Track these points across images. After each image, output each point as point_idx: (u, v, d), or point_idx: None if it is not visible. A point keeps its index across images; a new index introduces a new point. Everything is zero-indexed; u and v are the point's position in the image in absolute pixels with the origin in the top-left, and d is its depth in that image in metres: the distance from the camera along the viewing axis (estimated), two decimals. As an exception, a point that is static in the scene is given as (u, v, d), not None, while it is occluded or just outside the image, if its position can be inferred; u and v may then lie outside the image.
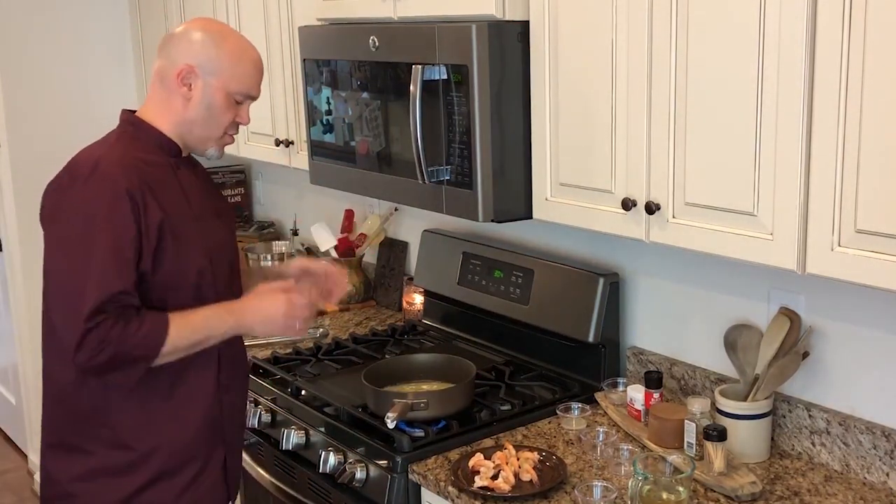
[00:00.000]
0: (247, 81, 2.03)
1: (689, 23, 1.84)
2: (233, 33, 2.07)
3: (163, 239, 1.92)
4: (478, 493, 1.99)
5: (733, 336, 2.18)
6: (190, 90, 1.99)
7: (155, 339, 1.88)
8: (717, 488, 1.96)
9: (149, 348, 1.88)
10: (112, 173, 1.89)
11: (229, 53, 2.00)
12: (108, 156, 1.94)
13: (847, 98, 1.60)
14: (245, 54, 2.03)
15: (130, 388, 1.97)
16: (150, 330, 1.87)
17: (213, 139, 2.06)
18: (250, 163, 4.09)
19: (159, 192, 1.94)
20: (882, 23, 1.53)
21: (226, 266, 2.11)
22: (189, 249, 1.97)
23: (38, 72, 4.08)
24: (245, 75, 2.03)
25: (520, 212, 2.29)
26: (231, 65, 2.00)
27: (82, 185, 1.90)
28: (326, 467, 2.27)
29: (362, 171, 2.62)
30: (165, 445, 2.01)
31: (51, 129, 3.99)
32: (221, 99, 2.01)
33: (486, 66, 2.17)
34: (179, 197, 2.01)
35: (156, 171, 1.98)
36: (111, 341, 1.82)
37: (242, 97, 2.04)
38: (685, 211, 1.92)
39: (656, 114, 1.93)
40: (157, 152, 2.02)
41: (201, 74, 1.99)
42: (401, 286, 3.27)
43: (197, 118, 2.02)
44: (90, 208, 1.88)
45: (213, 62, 1.99)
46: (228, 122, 2.04)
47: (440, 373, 2.48)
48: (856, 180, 1.61)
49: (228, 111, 2.03)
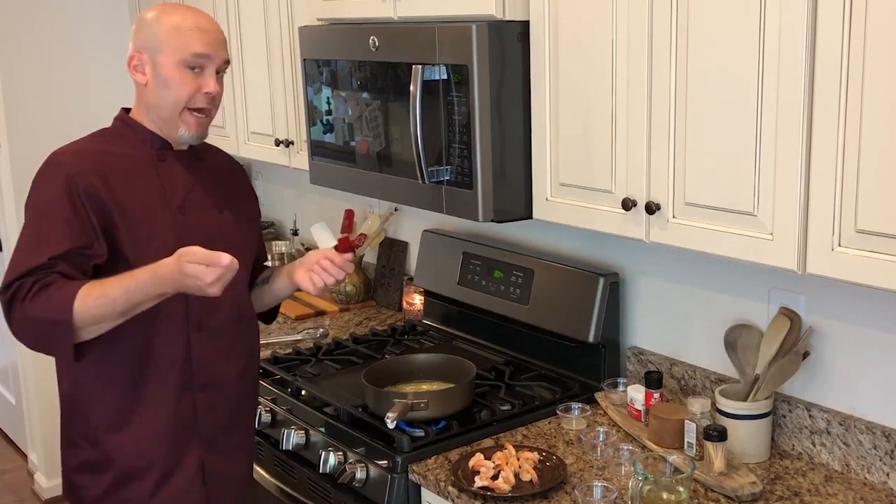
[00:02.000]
0: (193, 44, 1.97)
1: (690, 23, 1.84)
2: (179, 8, 2.04)
3: (113, 227, 1.92)
4: (478, 493, 1.99)
5: (733, 336, 2.18)
6: (144, 75, 2.00)
7: (62, 300, 1.84)
8: (717, 488, 1.96)
9: (56, 309, 1.83)
10: (59, 162, 1.95)
11: (168, 25, 1.98)
12: (65, 149, 1.99)
13: (847, 98, 1.60)
14: (186, 21, 1.99)
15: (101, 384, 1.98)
16: (58, 292, 1.85)
17: (177, 117, 2.00)
18: (250, 163, 4.08)
19: (118, 182, 1.95)
20: (882, 23, 1.53)
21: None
22: (153, 240, 1.95)
23: (38, 72, 4.08)
24: (188, 38, 1.97)
25: (520, 212, 2.29)
26: (172, 34, 1.97)
27: (35, 181, 1.97)
28: (326, 467, 2.27)
29: (362, 171, 2.62)
30: (129, 445, 2.01)
31: (51, 129, 3.98)
32: (173, 72, 1.97)
33: (486, 66, 2.17)
34: (150, 188, 2.00)
35: (123, 163, 1.99)
36: (20, 299, 1.84)
37: (194, 61, 1.97)
38: (685, 211, 1.92)
39: (656, 114, 1.93)
40: (139, 146, 2.03)
41: (148, 57, 1.98)
42: (401, 286, 3.27)
43: (158, 100, 2.00)
44: (34, 199, 1.95)
45: (154, 39, 1.98)
46: (189, 94, 1.98)
47: (440, 373, 2.48)
48: (856, 180, 1.61)
49: (187, 82, 1.98)
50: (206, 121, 2.05)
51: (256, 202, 2.33)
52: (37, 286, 1.85)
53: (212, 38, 2.01)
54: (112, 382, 2.00)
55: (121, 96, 4.10)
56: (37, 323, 1.86)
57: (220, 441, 2.12)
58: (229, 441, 2.15)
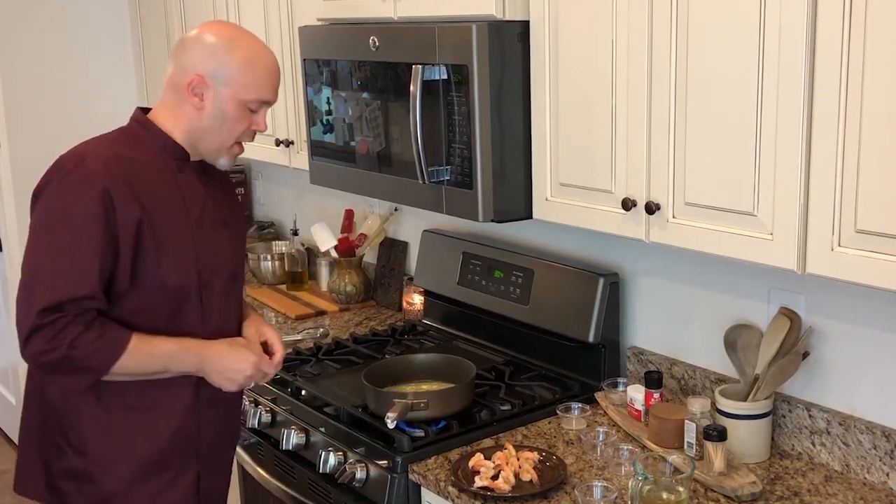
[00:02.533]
0: (260, 88, 1.97)
1: (690, 22, 1.84)
2: (246, 37, 1.99)
3: (141, 239, 1.87)
4: (478, 493, 1.98)
5: (733, 336, 2.18)
6: (201, 100, 1.94)
7: (109, 353, 1.83)
8: (717, 488, 1.96)
9: (100, 360, 1.83)
10: (94, 170, 1.85)
11: (241, 60, 1.93)
12: (96, 151, 1.90)
13: (847, 98, 1.60)
14: (258, 60, 1.96)
15: (97, 394, 1.93)
16: (106, 342, 1.82)
17: (225, 148, 2.00)
18: (250, 163, 4.09)
19: (146, 192, 1.88)
20: (882, 23, 1.53)
21: (224, 277, 2.05)
22: (175, 254, 1.92)
23: (38, 72, 4.08)
24: (258, 82, 1.96)
25: (520, 212, 2.29)
26: (243, 72, 1.93)
27: (62, 180, 1.86)
28: (326, 467, 2.27)
29: (362, 171, 2.62)
30: (123, 458, 1.96)
31: (51, 129, 3.99)
32: (234, 108, 1.95)
33: (486, 66, 2.17)
34: (174, 200, 1.95)
35: (149, 171, 1.93)
36: (63, 342, 1.78)
37: (257, 105, 1.98)
38: (685, 211, 1.92)
39: (656, 114, 1.93)
40: (159, 154, 1.97)
41: (212, 84, 1.93)
42: (401, 286, 3.27)
43: (209, 128, 1.96)
44: (63, 203, 1.85)
45: (224, 70, 1.92)
46: (242, 131, 1.99)
47: (440, 373, 2.48)
48: (856, 180, 1.61)
49: (242, 120, 1.97)
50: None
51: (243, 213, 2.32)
52: (78, 326, 1.79)
53: (276, 81, 2.00)
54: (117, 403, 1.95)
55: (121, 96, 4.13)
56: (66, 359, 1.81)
57: (216, 455, 2.12)
58: (222, 455, 2.16)
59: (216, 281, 2.01)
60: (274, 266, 3.68)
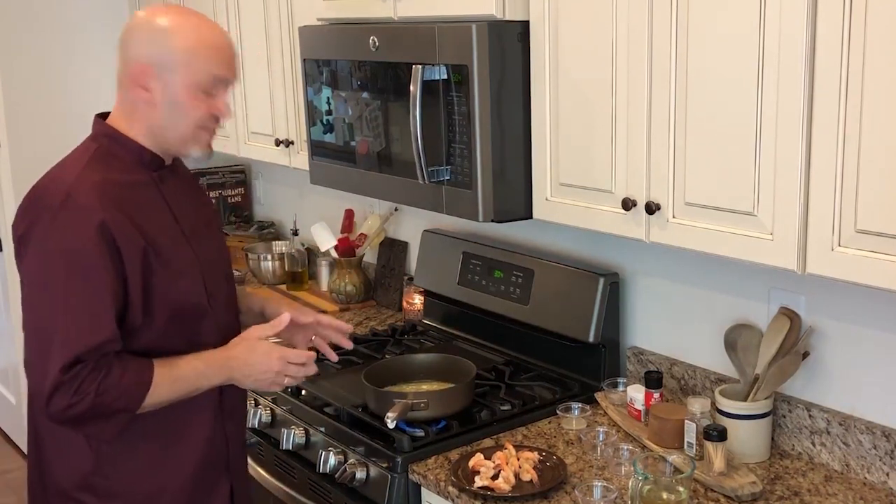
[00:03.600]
0: (210, 68, 1.80)
1: (690, 22, 1.84)
2: (191, 18, 1.83)
3: (150, 269, 1.77)
4: (478, 493, 1.98)
5: (733, 336, 2.18)
6: (150, 92, 1.79)
7: (137, 390, 1.76)
8: (717, 488, 1.96)
9: (130, 400, 1.75)
10: (85, 205, 1.72)
11: (185, 43, 1.78)
12: (80, 183, 1.76)
13: (847, 98, 1.60)
14: (202, 38, 1.80)
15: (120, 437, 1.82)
16: (131, 380, 1.75)
17: (190, 139, 1.85)
18: (250, 163, 4.09)
19: (142, 218, 1.78)
20: (882, 23, 1.53)
21: (222, 281, 1.99)
22: (183, 273, 1.85)
23: (38, 72, 4.08)
24: (208, 62, 1.80)
25: (520, 212, 2.29)
26: (189, 54, 1.78)
27: (52, 219, 1.72)
28: (326, 467, 2.27)
29: (362, 171, 2.62)
30: (164, 489, 1.89)
31: (51, 129, 3.99)
32: (186, 95, 1.79)
33: (486, 66, 2.17)
34: (166, 217, 1.86)
35: (137, 193, 1.82)
36: (89, 392, 1.70)
37: (211, 85, 1.82)
38: (685, 211, 1.92)
39: (656, 114, 1.93)
40: (138, 169, 1.85)
41: (158, 73, 1.78)
42: (401, 286, 3.27)
43: (164, 121, 1.82)
44: (59, 246, 1.72)
45: (167, 56, 1.77)
46: (202, 117, 1.83)
47: (440, 373, 2.48)
48: (856, 180, 1.61)
49: (198, 106, 1.81)
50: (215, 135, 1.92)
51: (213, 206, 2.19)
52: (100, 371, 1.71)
53: (229, 56, 1.84)
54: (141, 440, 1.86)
55: (121, 96, 4.12)
56: (95, 407, 1.72)
57: (241, 464, 2.09)
58: (244, 463, 2.13)
59: (218, 286, 1.97)
60: (274, 266, 3.68)
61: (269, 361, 1.91)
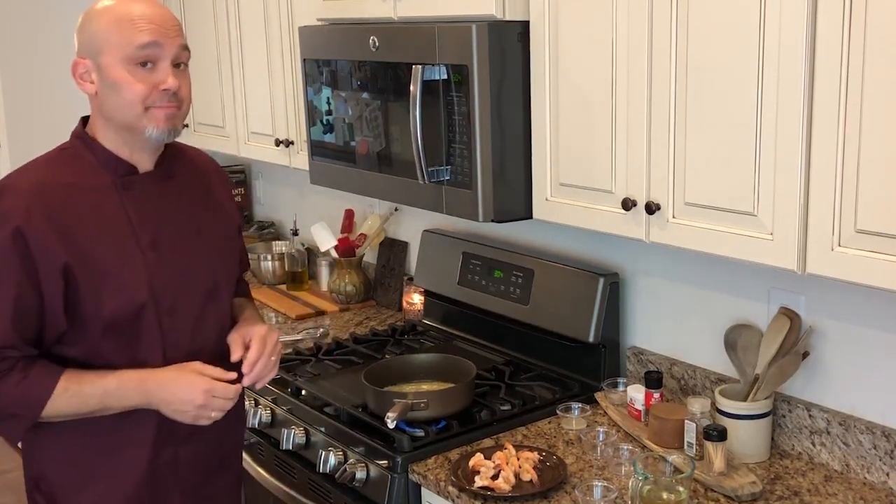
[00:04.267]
0: (135, 36, 1.73)
1: (690, 22, 1.84)
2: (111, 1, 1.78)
3: (72, 280, 1.71)
4: (478, 493, 1.98)
5: (733, 336, 2.18)
6: (93, 83, 1.77)
7: (33, 398, 1.72)
8: (717, 488, 1.96)
9: (25, 406, 1.72)
10: (6, 208, 1.70)
11: (106, 20, 1.75)
12: (18, 182, 1.75)
13: (847, 98, 1.60)
14: (122, 13, 1.74)
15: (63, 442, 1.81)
16: (28, 388, 1.71)
17: (142, 117, 1.76)
18: (250, 163, 4.09)
19: (78, 227, 1.73)
20: (882, 23, 1.53)
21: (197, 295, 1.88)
22: (120, 285, 1.76)
23: (38, 72, 4.08)
24: (131, 33, 1.73)
25: (520, 212, 2.29)
26: (112, 30, 1.74)
27: None
28: (326, 467, 2.27)
29: (362, 171, 2.62)
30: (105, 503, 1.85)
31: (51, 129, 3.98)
32: (120, 72, 1.74)
33: (486, 67, 2.17)
34: (116, 224, 1.78)
35: (87, 199, 1.77)
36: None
37: (142, 54, 1.74)
38: (685, 211, 1.92)
39: (656, 114, 1.93)
40: (100, 174, 1.80)
41: (91, 61, 1.76)
42: (401, 286, 3.27)
43: (111, 106, 1.77)
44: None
45: (93, 40, 1.75)
46: (144, 93, 1.75)
47: (440, 373, 2.48)
48: (856, 180, 1.61)
49: (137, 81, 1.74)
50: (176, 112, 1.79)
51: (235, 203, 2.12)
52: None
53: (157, 23, 1.75)
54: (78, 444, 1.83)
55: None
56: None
57: (204, 490, 1.97)
58: (215, 487, 2.00)
59: (183, 302, 1.85)
60: (274, 266, 3.68)
61: (192, 393, 1.78)
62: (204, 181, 2.01)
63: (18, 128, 4.06)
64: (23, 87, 4.06)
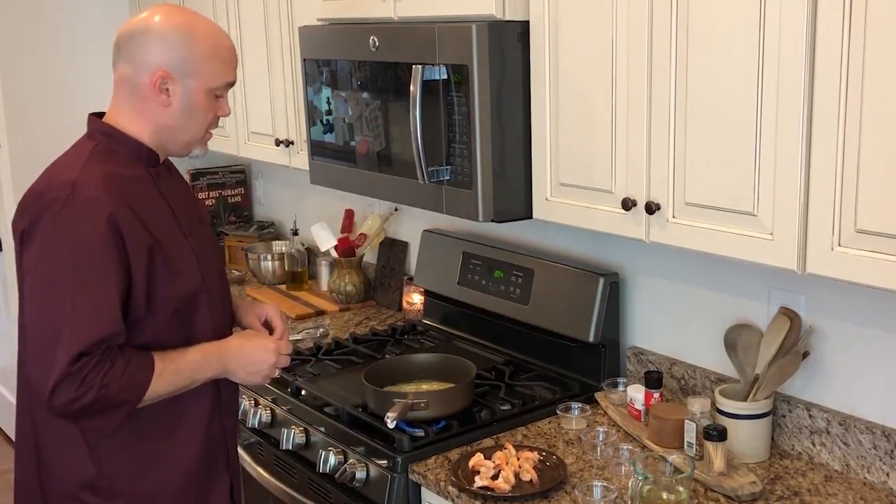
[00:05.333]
0: (226, 72, 1.88)
1: (690, 22, 1.84)
2: (202, 23, 1.88)
3: (153, 264, 1.79)
4: (478, 493, 1.98)
5: (733, 336, 2.18)
6: (168, 97, 1.84)
7: (140, 382, 1.76)
8: (717, 488, 1.96)
9: (132, 392, 1.76)
10: (93, 197, 1.74)
11: (205, 49, 1.84)
12: (86, 176, 1.77)
13: (847, 98, 1.60)
14: (220, 46, 1.87)
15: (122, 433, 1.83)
16: (134, 372, 1.76)
17: (197, 140, 1.92)
18: (250, 163, 4.09)
19: (145, 213, 1.80)
20: (882, 23, 1.53)
21: (217, 277, 2.00)
22: (183, 271, 1.86)
23: (38, 72, 4.08)
24: (223, 67, 1.87)
25: (520, 212, 2.29)
26: (208, 61, 1.84)
27: (59, 212, 1.73)
28: (326, 467, 2.27)
29: (362, 171, 2.62)
30: (164, 486, 1.90)
31: (51, 129, 3.99)
32: (203, 99, 1.86)
33: (486, 67, 2.17)
34: (166, 214, 1.88)
35: (139, 189, 1.84)
36: (93, 384, 1.70)
37: (223, 90, 1.90)
38: (685, 211, 1.92)
39: (656, 113, 1.93)
40: (136, 165, 1.87)
41: (178, 78, 1.83)
42: (401, 286, 3.27)
43: (178, 123, 1.87)
44: (69, 239, 1.72)
45: (188, 63, 1.83)
46: (212, 121, 1.91)
47: (440, 373, 2.48)
48: (856, 180, 1.61)
49: (211, 109, 1.89)
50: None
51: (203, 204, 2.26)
52: (105, 364, 1.71)
53: (236, 61, 1.92)
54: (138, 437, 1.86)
55: (121, 96, 4.11)
56: (99, 400, 1.72)
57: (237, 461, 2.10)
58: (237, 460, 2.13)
59: (213, 285, 1.97)
60: (274, 266, 3.68)
61: (265, 353, 1.95)
62: (182, 178, 2.09)
63: (18, 128, 4.06)
64: (23, 87, 4.06)
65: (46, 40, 4.09)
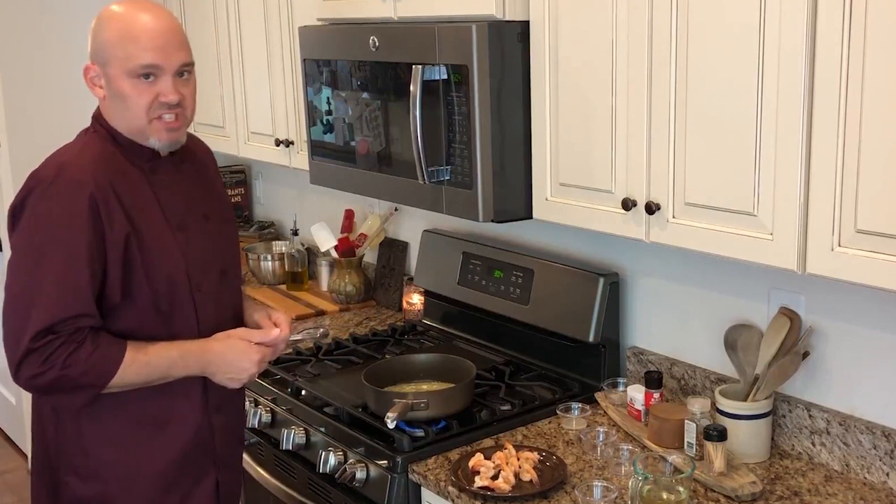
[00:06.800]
0: (140, 54, 1.80)
1: (690, 22, 1.84)
2: (124, 8, 1.84)
3: (129, 253, 1.81)
4: (478, 493, 1.98)
5: (733, 336, 2.18)
6: (102, 88, 1.86)
7: (104, 368, 1.78)
8: (717, 488, 1.96)
9: (96, 376, 1.78)
10: (77, 178, 1.77)
11: (113, 32, 1.81)
12: (76, 158, 1.82)
13: (847, 98, 1.60)
14: (131, 28, 1.81)
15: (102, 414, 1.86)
16: (100, 358, 1.77)
17: (145, 126, 1.85)
18: (250, 163, 4.09)
19: (128, 199, 1.82)
20: (882, 23, 1.53)
21: (213, 276, 1.99)
22: (161, 264, 1.86)
23: (38, 72, 4.08)
24: (135, 48, 1.80)
25: (520, 212, 2.29)
26: (118, 44, 1.80)
27: (44, 190, 1.77)
28: (326, 467, 2.27)
29: (362, 171, 2.62)
30: (140, 476, 1.92)
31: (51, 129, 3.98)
32: (125, 84, 1.81)
33: (486, 66, 2.17)
34: (151, 205, 1.88)
35: (127, 176, 1.86)
36: (55, 364, 1.73)
37: (145, 71, 1.81)
38: (685, 211, 1.92)
39: (656, 113, 1.93)
40: (130, 157, 1.89)
41: (99, 68, 1.84)
42: (401, 286, 3.27)
43: (119, 113, 1.86)
44: (48, 214, 1.76)
45: (101, 51, 1.82)
46: (148, 104, 1.83)
47: (440, 373, 2.48)
48: (856, 180, 1.61)
49: (142, 94, 1.82)
50: (178, 125, 1.89)
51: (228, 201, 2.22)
52: (71, 344, 1.74)
53: (161, 42, 1.82)
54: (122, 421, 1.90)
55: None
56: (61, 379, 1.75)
57: (230, 458, 2.10)
58: (235, 457, 2.14)
59: (206, 282, 1.96)
60: (274, 266, 3.68)
61: (249, 363, 1.95)
62: (203, 168, 2.10)
63: (18, 128, 4.06)
64: (23, 87, 4.06)
65: (46, 40, 4.09)
